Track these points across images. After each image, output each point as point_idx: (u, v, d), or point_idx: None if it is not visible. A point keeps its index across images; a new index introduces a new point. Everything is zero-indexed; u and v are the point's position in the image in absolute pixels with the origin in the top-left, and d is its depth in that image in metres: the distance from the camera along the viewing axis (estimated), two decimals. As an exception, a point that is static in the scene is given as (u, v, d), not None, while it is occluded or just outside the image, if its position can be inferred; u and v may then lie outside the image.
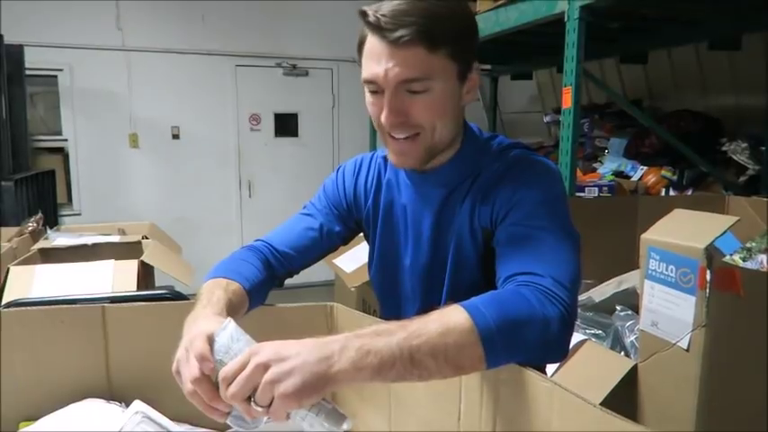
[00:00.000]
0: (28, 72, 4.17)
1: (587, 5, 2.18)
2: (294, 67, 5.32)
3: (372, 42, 0.85)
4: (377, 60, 0.84)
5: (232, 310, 0.83)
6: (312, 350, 0.64)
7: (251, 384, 0.63)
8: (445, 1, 0.86)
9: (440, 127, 0.89)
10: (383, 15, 0.81)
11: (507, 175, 0.92)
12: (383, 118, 0.87)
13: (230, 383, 0.64)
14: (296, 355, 0.63)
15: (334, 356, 0.63)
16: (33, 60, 4.26)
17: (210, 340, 0.71)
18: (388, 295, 1.10)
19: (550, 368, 1.30)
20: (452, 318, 0.68)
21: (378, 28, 0.82)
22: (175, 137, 5.09)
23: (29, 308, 1.06)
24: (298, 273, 1.08)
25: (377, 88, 0.87)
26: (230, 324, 0.71)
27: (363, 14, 0.84)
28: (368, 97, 0.90)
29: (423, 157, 0.92)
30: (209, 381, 0.69)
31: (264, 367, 0.63)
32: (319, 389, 0.63)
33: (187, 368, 0.70)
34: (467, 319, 0.68)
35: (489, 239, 0.92)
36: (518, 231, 0.85)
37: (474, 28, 0.93)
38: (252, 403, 0.64)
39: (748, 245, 1.71)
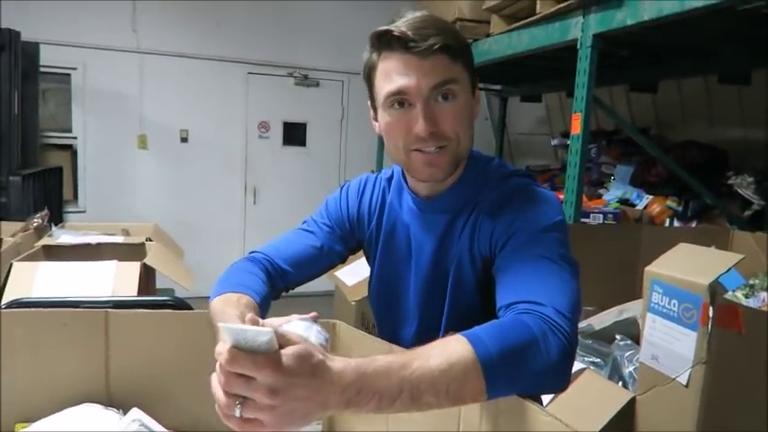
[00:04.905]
0: (42, 69, 4.21)
1: (600, 34, 2.19)
2: (305, 77, 5.36)
3: (394, 59, 0.88)
4: (404, 73, 0.87)
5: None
6: (318, 393, 0.61)
7: (246, 394, 0.60)
8: (446, 22, 0.93)
9: (463, 138, 0.92)
10: (407, 30, 0.86)
11: (507, 204, 0.93)
12: (418, 128, 0.88)
13: (228, 376, 0.60)
14: (305, 398, 0.60)
15: (332, 401, 0.61)
16: (48, 58, 4.30)
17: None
18: (386, 316, 1.11)
19: (547, 396, 1.29)
20: (455, 351, 0.68)
21: (404, 42, 0.86)
22: (184, 140, 5.11)
23: (31, 309, 1.06)
24: (294, 288, 1.09)
25: (406, 100, 0.89)
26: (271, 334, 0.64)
27: (386, 32, 0.87)
28: (387, 116, 0.91)
29: (450, 167, 0.94)
30: None
31: (271, 391, 0.59)
32: (308, 423, 0.64)
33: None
34: (470, 351, 0.68)
35: (489, 267, 0.93)
36: (518, 259, 0.85)
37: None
38: (236, 405, 0.60)
39: (751, 282, 1.70)
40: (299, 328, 0.75)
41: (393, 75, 0.88)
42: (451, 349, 0.68)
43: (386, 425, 0.96)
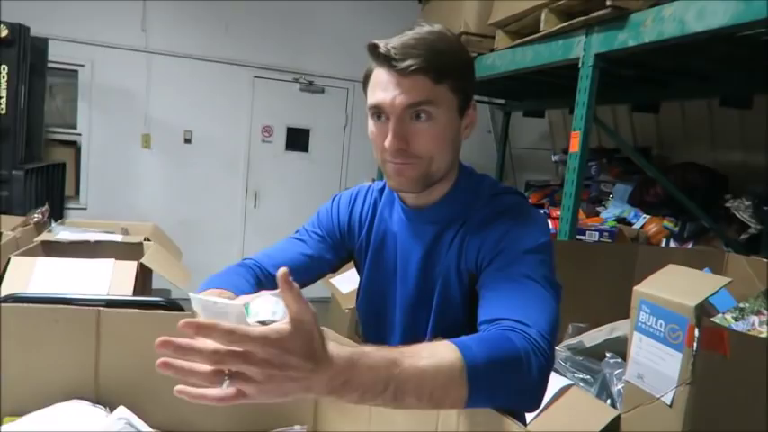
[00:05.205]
0: (50, 65, 4.24)
1: (602, 54, 2.22)
2: (311, 83, 5.39)
3: (380, 73, 0.91)
4: (384, 88, 0.89)
5: None
6: (308, 376, 0.59)
7: (241, 368, 0.57)
8: (448, 41, 0.92)
9: (437, 158, 0.93)
10: (393, 48, 0.87)
11: (496, 221, 0.94)
12: (387, 142, 0.90)
13: (223, 351, 0.56)
14: (294, 378, 0.58)
15: (317, 387, 0.60)
16: (57, 54, 4.33)
17: None
18: (373, 325, 1.12)
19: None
20: (445, 358, 0.68)
21: (387, 59, 0.88)
22: (187, 141, 5.14)
23: (24, 304, 1.08)
24: None
25: (383, 114, 0.91)
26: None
27: (374, 47, 0.90)
28: (371, 125, 0.95)
29: (420, 182, 0.95)
30: None
31: (268, 365, 0.57)
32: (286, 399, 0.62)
33: None
34: (458, 359, 0.68)
35: (474, 282, 0.94)
36: (503, 277, 0.87)
37: (472, 69, 0.98)
38: (225, 379, 0.58)
39: (742, 305, 1.71)
40: (269, 302, 0.76)
41: (376, 88, 0.91)
42: (441, 354, 0.69)
43: (368, 425, 0.98)
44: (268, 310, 0.73)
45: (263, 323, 0.71)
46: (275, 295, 0.76)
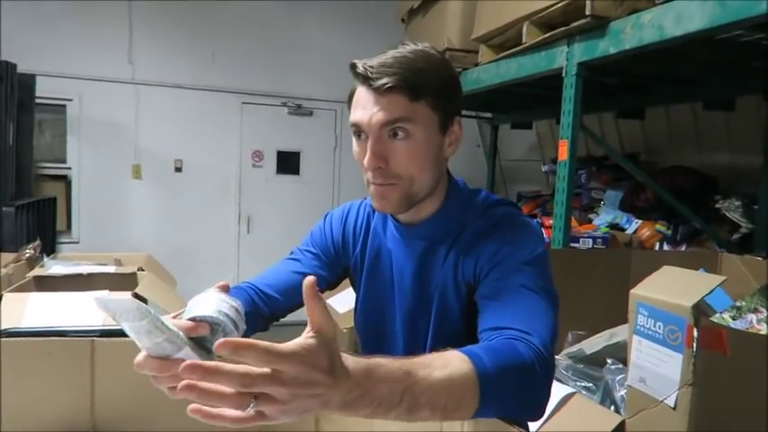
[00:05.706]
0: (38, 101, 4.25)
1: (585, 62, 2.24)
2: (299, 106, 5.42)
3: (360, 91, 0.91)
4: (363, 106, 0.90)
5: None
6: (327, 391, 0.57)
7: (267, 389, 0.53)
8: (429, 59, 0.92)
9: (418, 178, 0.92)
10: (370, 66, 0.88)
11: (492, 232, 0.94)
12: (365, 161, 0.91)
13: (252, 373, 0.52)
14: (315, 395, 0.56)
15: (334, 401, 0.58)
16: (45, 89, 4.35)
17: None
18: (372, 339, 1.11)
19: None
20: (458, 369, 0.67)
21: (365, 77, 0.88)
22: (178, 170, 5.15)
23: (16, 338, 1.07)
24: (284, 316, 1.08)
25: (362, 132, 0.92)
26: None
27: (353, 66, 0.91)
28: (354, 144, 0.95)
29: (401, 203, 0.95)
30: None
31: (295, 384, 0.54)
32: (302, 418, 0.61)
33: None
34: (471, 371, 0.68)
35: (472, 293, 0.94)
36: (503, 287, 0.87)
37: (456, 85, 0.98)
38: (251, 402, 0.54)
39: (738, 303, 1.72)
40: (212, 300, 0.73)
41: (356, 106, 0.92)
42: (454, 365, 0.67)
43: (371, 425, 0.97)
44: (209, 308, 0.72)
45: (192, 319, 0.71)
46: (218, 292, 0.76)
